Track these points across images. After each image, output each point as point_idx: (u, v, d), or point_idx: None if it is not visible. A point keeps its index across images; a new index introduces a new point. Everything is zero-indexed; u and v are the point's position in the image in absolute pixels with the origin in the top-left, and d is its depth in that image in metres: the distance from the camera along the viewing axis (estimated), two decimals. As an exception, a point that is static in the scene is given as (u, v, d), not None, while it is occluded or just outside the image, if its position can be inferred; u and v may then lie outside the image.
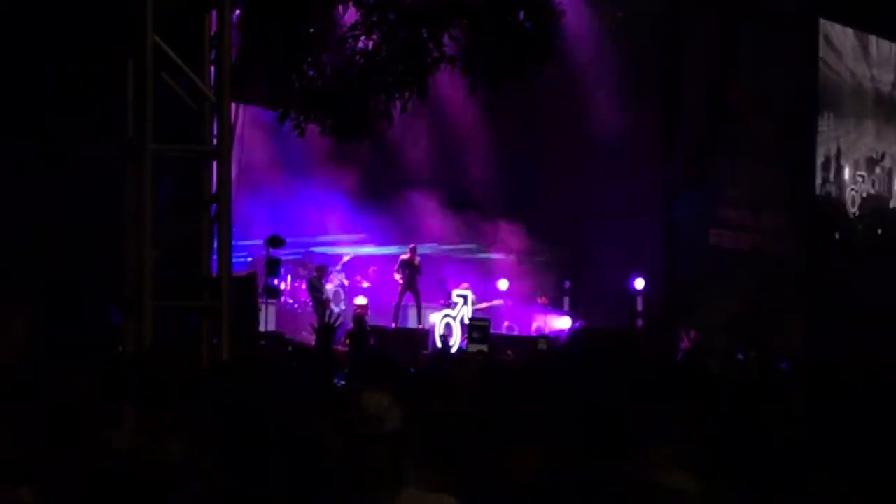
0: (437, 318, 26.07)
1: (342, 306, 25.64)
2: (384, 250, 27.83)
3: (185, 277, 9.38)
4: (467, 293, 26.76)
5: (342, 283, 26.54)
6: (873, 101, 35.04)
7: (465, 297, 26.59)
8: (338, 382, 7.87)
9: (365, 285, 27.23)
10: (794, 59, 31.71)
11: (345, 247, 27.70)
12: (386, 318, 25.88)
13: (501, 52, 14.70)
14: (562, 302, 29.00)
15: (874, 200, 34.91)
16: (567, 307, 28.85)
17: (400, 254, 26.57)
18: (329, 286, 25.92)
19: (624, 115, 27.42)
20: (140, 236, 8.56)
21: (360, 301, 24.39)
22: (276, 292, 22.02)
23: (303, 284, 25.96)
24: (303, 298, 25.95)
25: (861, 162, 34.71)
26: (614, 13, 28.15)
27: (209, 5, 9.60)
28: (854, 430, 4.35)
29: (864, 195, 34.60)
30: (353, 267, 27.55)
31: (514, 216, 28.46)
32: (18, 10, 10.12)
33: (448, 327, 25.87)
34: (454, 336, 25.61)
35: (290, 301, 25.81)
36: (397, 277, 26.27)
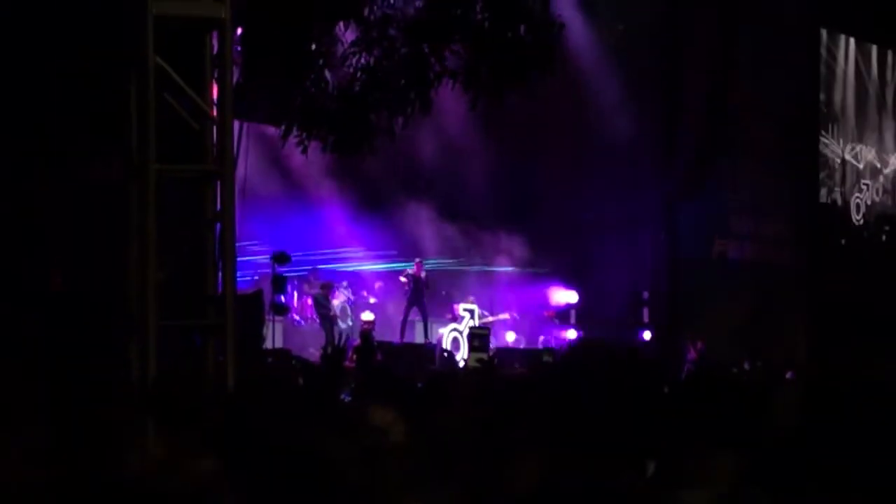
0: (444, 332, 26.06)
1: (349, 322, 25.65)
2: (390, 266, 27.81)
3: (191, 295, 9.41)
4: (473, 307, 26.76)
5: (349, 298, 26.54)
6: (877, 108, 35.06)
7: (471, 311, 26.59)
8: (344, 398, 7.90)
9: (371, 301, 27.24)
10: (796, 65, 31.73)
11: (350, 262, 27.68)
12: (393, 334, 25.86)
13: (503, 66, 14.73)
14: (568, 314, 28.95)
15: (879, 208, 34.92)
16: (573, 320, 28.79)
17: (406, 269, 26.55)
18: (336, 302, 25.90)
19: (625, 123, 27.42)
20: (145, 256, 8.61)
21: (367, 317, 24.38)
22: (283, 309, 22.03)
23: (309, 300, 25.96)
24: (309, 315, 25.96)
25: (866, 170, 34.72)
26: (615, 25, 28.16)
27: (210, 25, 9.65)
28: (852, 438, 4.37)
29: (869, 202, 34.61)
30: (358, 282, 27.55)
31: (516, 227, 28.40)
32: (20, 29, 10.16)
33: (455, 342, 25.86)
34: (461, 350, 25.59)
35: (296, 318, 25.81)
36: (402, 280, 26.18)
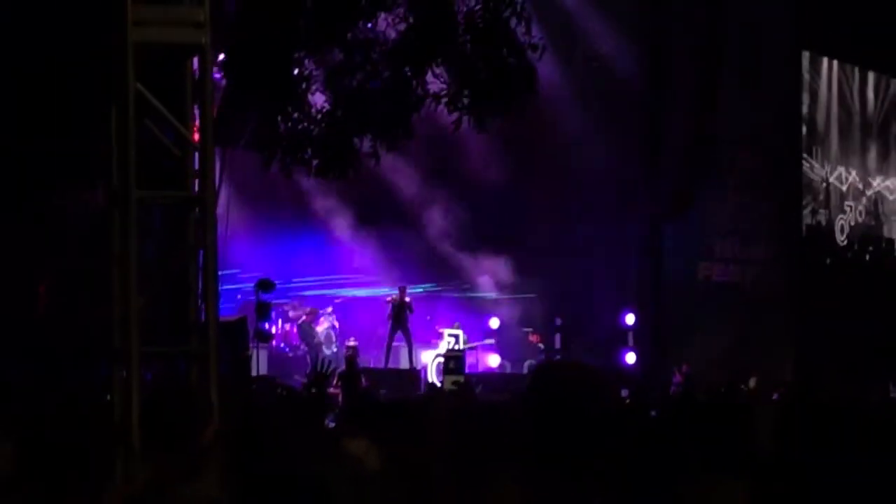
0: (429, 358, 26.00)
1: (334, 348, 25.58)
2: (374, 291, 27.74)
3: (174, 323, 9.34)
4: (458, 332, 26.70)
5: (333, 325, 26.47)
6: (860, 130, 35.16)
7: (456, 337, 26.52)
8: (329, 424, 7.84)
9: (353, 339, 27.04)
10: (779, 88, 31.81)
11: (333, 289, 27.61)
12: (378, 359, 25.80)
13: (485, 88, 14.72)
14: (553, 339, 28.88)
15: (862, 229, 35.00)
16: (559, 344, 28.72)
17: (389, 294, 26.48)
18: (320, 328, 25.85)
19: (610, 148, 27.46)
20: (127, 283, 8.53)
21: (351, 343, 24.33)
22: (268, 336, 21.97)
23: (294, 328, 25.88)
24: (294, 342, 25.88)
25: (849, 191, 34.81)
26: (598, 49, 28.17)
27: (191, 51, 9.59)
28: (836, 460, 4.35)
29: (853, 223, 34.70)
30: (343, 308, 27.47)
31: (501, 252, 28.34)
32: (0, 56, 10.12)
33: (440, 367, 25.79)
34: (447, 375, 25.52)
35: (281, 345, 25.73)
36: (389, 300, 26.09)
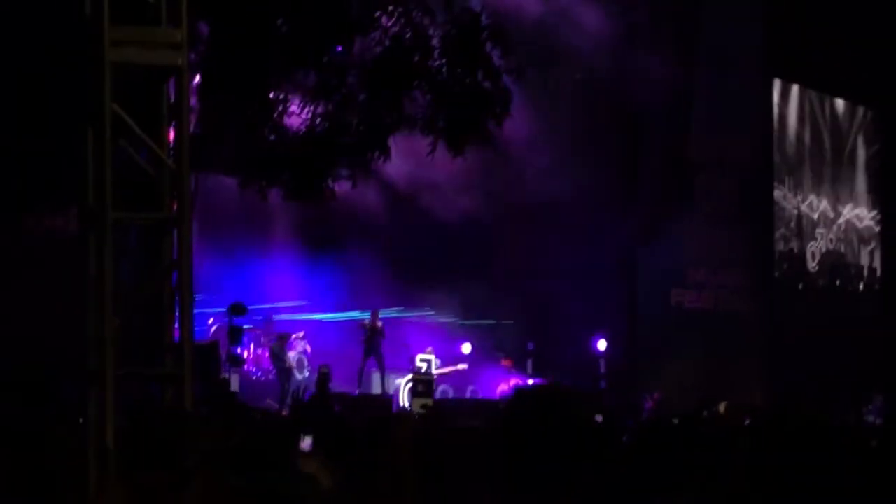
0: (401, 383, 25.98)
1: (305, 373, 25.50)
2: (345, 315, 27.67)
3: (148, 345, 9.30)
4: (430, 357, 26.67)
5: (305, 349, 26.39)
6: (831, 158, 35.41)
7: (428, 362, 26.50)
8: (305, 449, 7.82)
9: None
10: (751, 116, 32.00)
11: (303, 313, 27.52)
12: (350, 384, 25.71)
13: (461, 112, 14.74)
14: (525, 364, 28.85)
15: (833, 256, 35.22)
16: (531, 369, 28.70)
17: (362, 319, 26.43)
18: (292, 353, 25.77)
19: (583, 173, 27.43)
20: (102, 304, 8.48)
21: (324, 369, 24.29)
22: (239, 360, 21.92)
23: (265, 352, 25.80)
24: (266, 366, 25.80)
25: (820, 219, 35.02)
26: (573, 75, 28.22)
27: (167, 73, 9.57)
28: (806, 483, 4.38)
29: (823, 250, 34.90)
30: (315, 333, 27.37)
31: (473, 276, 28.14)
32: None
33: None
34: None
35: (253, 369, 25.65)
36: (361, 325, 26.06)
